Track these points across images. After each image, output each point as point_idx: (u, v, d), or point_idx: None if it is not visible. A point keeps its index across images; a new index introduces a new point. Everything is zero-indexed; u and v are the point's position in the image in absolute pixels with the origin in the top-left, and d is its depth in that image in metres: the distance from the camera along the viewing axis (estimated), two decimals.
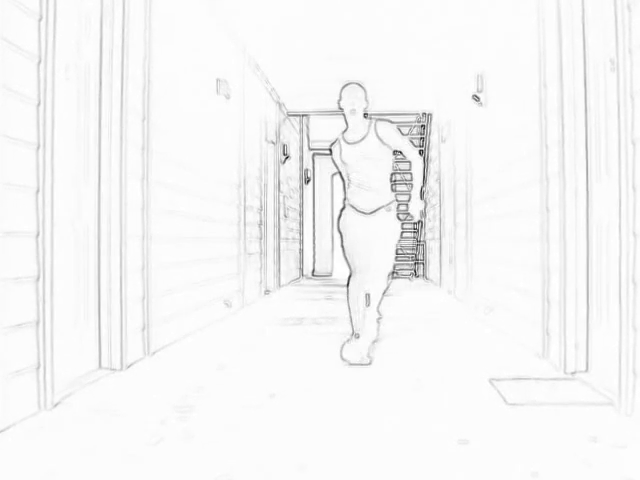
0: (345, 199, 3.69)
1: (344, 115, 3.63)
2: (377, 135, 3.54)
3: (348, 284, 3.67)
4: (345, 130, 3.69)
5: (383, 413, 2.52)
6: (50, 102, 2.47)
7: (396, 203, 3.60)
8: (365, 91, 3.62)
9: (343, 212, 3.69)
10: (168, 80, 3.89)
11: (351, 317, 3.58)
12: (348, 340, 3.50)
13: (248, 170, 6.22)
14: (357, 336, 3.49)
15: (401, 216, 3.68)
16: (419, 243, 10.00)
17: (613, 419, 2.41)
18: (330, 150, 3.77)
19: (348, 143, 3.60)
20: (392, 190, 3.65)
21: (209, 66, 4.88)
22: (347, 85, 3.62)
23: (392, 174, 3.66)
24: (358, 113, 3.58)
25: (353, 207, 3.62)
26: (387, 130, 3.56)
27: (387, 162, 3.60)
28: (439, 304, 6.34)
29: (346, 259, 3.69)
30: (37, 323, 2.43)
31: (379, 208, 3.55)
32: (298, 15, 5.21)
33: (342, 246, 3.69)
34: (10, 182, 2.27)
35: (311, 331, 4.51)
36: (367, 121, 3.61)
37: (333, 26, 5.48)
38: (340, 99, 3.61)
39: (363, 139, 3.57)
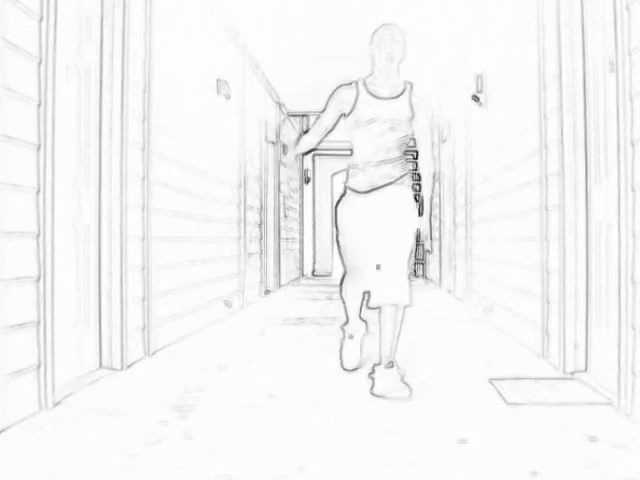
0: (345, 179, 3.00)
1: (373, 61, 2.88)
2: (410, 101, 2.86)
3: (342, 283, 3.14)
4: (369, 77, 2.91)
5: (383, 412, 2.52)
6: (51, 102, 2.48)
7: (410, 178, 2.92)
8: (405, 40, 2.87)
9: (342, 200, 3.00)
10: (169, 80, 3.89)
11: (346, 311, 3.16)
12: (343, 339, 3.19)
13: (248, 170, 6.22)
14: (351, 337, 3.18)
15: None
16: (418, 243, 10.00)
17: (612, 419, 2.41)
18: (334, 95, 2.91)
19: (375, 96, 2.84)
20: (406, 163, 2.92)
21: (209, 66, 4.88)
22: (384, 25, 2.87)
23: (406, 150, 2.92)
24: (395, 62, 2.84)
25: (355, 190, 2.92)
26: (424, 103, 2.89)
27: (407, 135, 2.88)
28: (439, 304, 6.35)
29: (342, 256, 3.04)
30: (38, 323, 2.43)
31: (384, 185, 2.85)
32: (298, 15, 5.21)
33: (337, 240, 3.01)
34: (10, 182, 2.28)
35: (311, 331, 4.52)
36: (401, 80, 2.90)
37: (333, 26, 5.48)
38: (371, 41, 2.87)
39: (397, 97, 2.85)
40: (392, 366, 2.84)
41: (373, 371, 2.87)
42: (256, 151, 6.74)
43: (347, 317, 3.20)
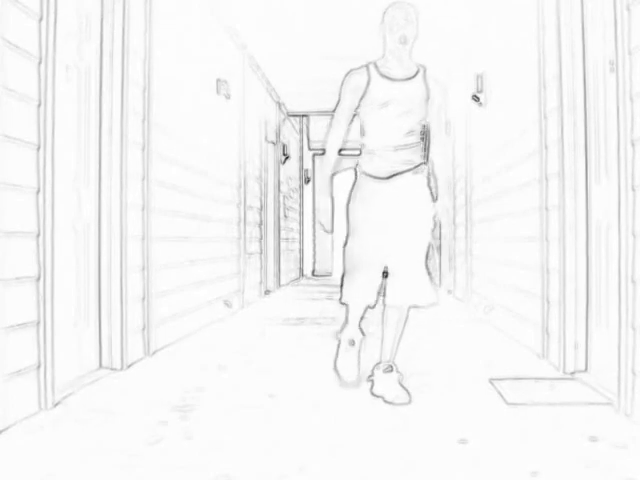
0: (358, 165, 2.76)
1: (384, 42, 2.70)
2: (425, 82, 2.70)
3: (345, 287, 2.80)
4: (380, 61, 2.74)
5: (383, 412, 2.52)
6: (50, 102, 2.48)
7: (426, 167, 2.73)
8: (418, 19, 2.66)
9: (355, 189, 2.77)
10: (168, 80, 3.89)
11: (347, 314, 2.86)
12: (339, 346, 2.90)
13: (248, 170, 6.22)
14: (352, 343, 2.89)
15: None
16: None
17: (613, 419, 2.41)
18: (345, 82, 2.72)
19: (388, 79, 2.67)
20: (423, 151, 2.73)
21: (209, 66, 4.88)
22: (396, 3, 2.66)
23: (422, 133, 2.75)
24: (408, 44, 2.66)
25: (374, 176, 2.70)
26: (440, 87, 2.74)
27: (424, 118, 2.73)
28: (439, 304, 6.34)
29: (350, 256, 2.73)
30: (38, 323, 2.43)
31: (405, 171, 2.67)
32: (298, 15, 5.21)
33: (346, 241, 2.77)
34: (10, 182, 2.28)
35: (311, 331, 4.51)
36: (413, 63, 2.73)
37: (333, 26, 5.48)
38: (382, 21, 2.69)
39: (411, 79, 2.69)
40: (391, 370, 2.78)
41: (372, 374, 2.83)
42: (256, 151, 6.74)
43: (347, 320, 2.89)
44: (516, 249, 4.12)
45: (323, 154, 2.80)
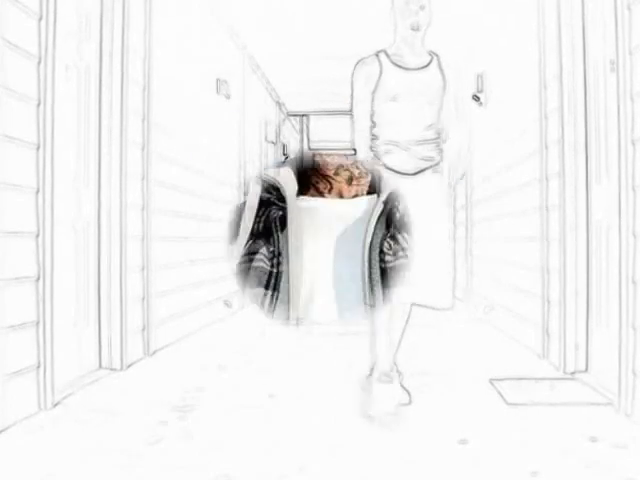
0: (373, 158, 2.56)
1: (395, 30, 2.57)
2: (441, 70, 2.57)
3: None
4: (390, 48, 2.59)
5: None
6: (50, 102, 2.47)
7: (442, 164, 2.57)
8: (430, 2, 2.55)
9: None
10: (168, 80, 3.89)
11: (375, 341, 2.59)
12: (370, 376, 2.58)
13: (248, 170, 6.22)
14: (388, 379, 2.59)
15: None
16: None
17: (613, 419, 2.41)
18: (354, 74, 2.57)
19: (402, 68, 2.53)
20: (439, 146, 2.56)
21: (209, 66, 4.88)
22: None
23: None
24: (421, 30, 2.54)
25: (393, 170, 2.50)
26: (455, 74, 2.61)
27: (439, 108, 2.55)
28: None
29: None
30: (37, 323, 2.43)
31: (426, 168, 2.51)
32: (298, 15, 5.21)
33: None
34: (10, 182, 2.27)
35: (311, 331, 4.51)
36: (424, 50, 2.60)
37: (333, 26, 5.47)
38: (392, 7, 2.55)
39: (426, 67, 2.57)
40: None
41: (370, 373, 2.72)
42: (256, 151, 6.74)
43: (374, 335, 2.57)
44: (516, 249, 4.12)
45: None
